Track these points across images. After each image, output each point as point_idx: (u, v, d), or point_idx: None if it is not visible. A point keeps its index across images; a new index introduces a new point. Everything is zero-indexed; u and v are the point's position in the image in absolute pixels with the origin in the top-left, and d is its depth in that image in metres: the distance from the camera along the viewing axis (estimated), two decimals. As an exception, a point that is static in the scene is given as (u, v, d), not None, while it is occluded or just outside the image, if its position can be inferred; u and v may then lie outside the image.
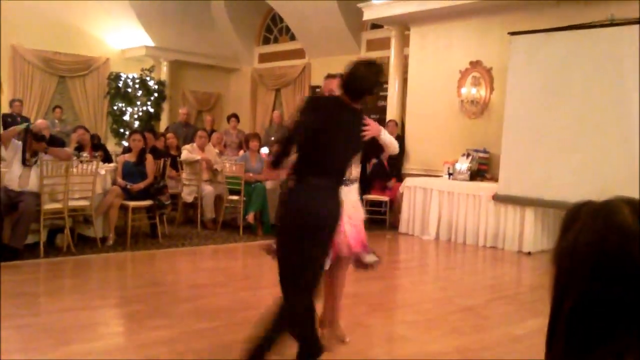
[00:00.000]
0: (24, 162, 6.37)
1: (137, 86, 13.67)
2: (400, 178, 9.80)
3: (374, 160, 9.97)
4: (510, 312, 5.20)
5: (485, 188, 8.36)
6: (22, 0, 8.78)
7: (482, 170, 8.92)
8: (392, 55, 10.63)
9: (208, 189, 8.62)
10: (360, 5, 10.46)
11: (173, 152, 9.03)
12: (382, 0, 9.99)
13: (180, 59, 14.59)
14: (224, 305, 4.91)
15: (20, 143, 6.43)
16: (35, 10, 12.28)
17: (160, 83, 14.10)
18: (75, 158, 7.07)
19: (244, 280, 6.05)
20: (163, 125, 13.70)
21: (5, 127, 10.03)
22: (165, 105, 14.28)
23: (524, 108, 7.99)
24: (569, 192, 7.01)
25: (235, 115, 11.69)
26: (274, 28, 15.09)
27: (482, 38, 9.33)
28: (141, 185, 7.28)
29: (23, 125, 6.82)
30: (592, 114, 7.35)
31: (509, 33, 8.23)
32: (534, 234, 7.83)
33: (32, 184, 6.35)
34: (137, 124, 13.56)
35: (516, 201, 7.93)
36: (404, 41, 10.53)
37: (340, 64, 12.35)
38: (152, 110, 13.91)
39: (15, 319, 4.38)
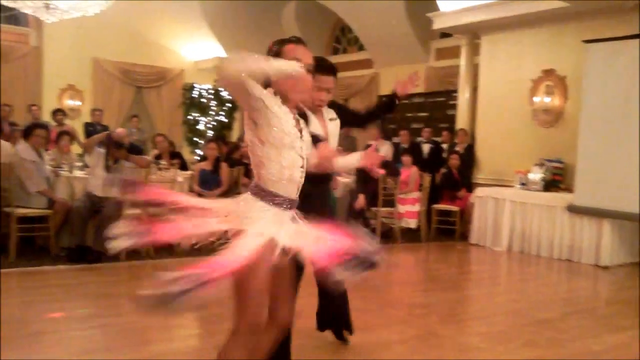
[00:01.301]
0: (106, 169, 6.67)
1: (210, 97, 14.04)
2: (470, 188, 9.70)
3: (443, 170, 9.92)
4: (586, 327, 5.07)
5: (559, 199, 8.17)
6: (102, 15, 9.17)
7: (556, 180, 8.73)
8: (462, 64, 10.57)
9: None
10: (429, 14, 10.44)
11: (246, 161, 9.23)
12: (452, 9, 9.94)
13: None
14: (298, 310, 4.97)
15: (102, 150, 6.74)
16: (114, 24, 12.83)
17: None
18: (154, 165, 7.34)
19: (313, 286, 6.12)
20: (235, 134, 14.03)
21: (87, 135, 10.54)
22: (237, 115, 14.61)
23: (601, 117, 7.78)
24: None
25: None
26: (342, 39, 15.22)
27: (556, 46, 9.15)
28: (216, 192, 7.50)
29: (104, 133, 7.15)
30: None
31: (583, 41, 8.04)
32: (611, 247, 7.60)
33: (114, 190, 6.62)
34: (210, 133, 13.93)
35: (593, 212, 7.71)
36: (474, 50, 10.44)
37: (407, 73, 12.41)
38: (225, 119, 14.25)
39: (99, 318, 4.60)
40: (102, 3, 8.90)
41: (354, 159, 2.90)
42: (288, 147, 2.43)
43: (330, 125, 3.65)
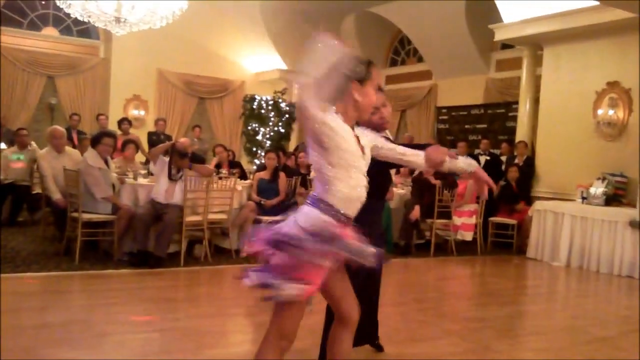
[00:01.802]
0: (170, 177, 6.90)
1: (270, 108, 14.27)
2: (529, 201, 9.54)
3: (501, 182, 9.79)
4: (648, 346, 4.93)
5: (621, 214, 7.96)
6: (166, 28, 9.49)
7: (619, 195, 8.50)
8: (524, 75, 10.43)
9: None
10: (491, 26, 10.36)
11: (303, 171, 9.36)
12: (514, 20, 9.84)
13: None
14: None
15: (166, 159, 6.98)
16: (178, 36, 13.23)
17: (291, 105, 14.64)
18: (215, 174, 7.54)
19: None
20: (292, 144, 14.21)
21: (151, 144, 10.88)
22: (295, 126, 14.80)
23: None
24: None
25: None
26: (401, 50, 15.24)
27: (621, 58, 8.94)
28: (274, 201, 7.65)
29: (169, 143, 7.39)
30: None
31: (650, 52, 7.84)
32: (675, 264, 7.36)
33: (177, 198, 6.85)
34: (268, 143, 14.15)
35: (657, 229, 7.49)
36: (536, 61, 10.30)
37: (467, 85, 12.37)
38: (282, 130, 14.45)
39: (159, 322, 4.74)
40: (168, 16, 9.22)
41: (463, 163, 2.90)
42: (355, 167, 2.51)
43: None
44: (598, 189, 8.46)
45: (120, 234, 6.83)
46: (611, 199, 8.41)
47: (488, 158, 10.65)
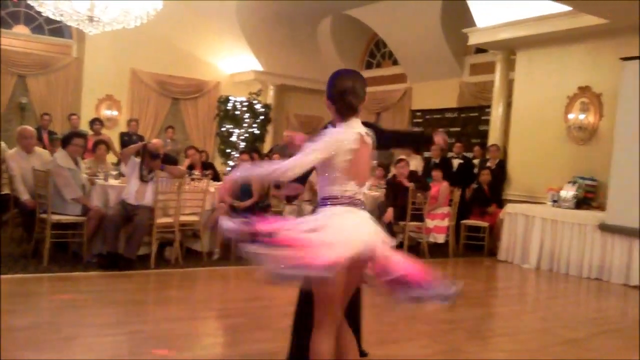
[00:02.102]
0: (141, 178, 6.82)
1: (244, 109, 14.22)
2: (501, 204, 9.63)
3: (473, 185, 9.87)
4: (616, 347, 5.00)
5: (591, 217, 8.07)
6: (141, 27, 9.40)
7: (589, 198, 8.62)
8: (497, 79, 10.53)
9: (308, 208, 8.81)
10: (465, 30, 10.45)
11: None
12: (488, 25, 9.93)
13: (286, 83, 15.10)
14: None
15: (138, 160, 6.90)
16: (153, 36, 13.12)
17: (266, 106, 14.61)
18: (187, 176, 7.48)
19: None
20: (267, 146, 14.17)
21: (123, 145, 10.77)
22: (270, 128, 14.76)
23: (635, 135, 7.68)
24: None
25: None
26: (377, 53, 15.30)
27: (592, 63, 9.07)
28: (247, 203, 7.60)
29: (141, 144, 7.32)
30: None
31: (620, 58, 7.96)
32: (643, 267, 7.48)
33: (148, 199, 6.78)
34: (242, 144, 14.10)
35: (624, 232, 7.61)
36: (510, 65, 10.41)
37: (441, 88, 12.41)
38: (257, 132, 14.41)
39: (126, 325, 4.68)
40: (142, 16, 9.12)
41: None
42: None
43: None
44: (568, 193, 8.56)
45: (90, 235, 6.73)
46: (581, 203, 8.53)
47: (461, 161, 10.72)
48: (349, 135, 2.79)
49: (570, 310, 6.58)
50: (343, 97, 2.89)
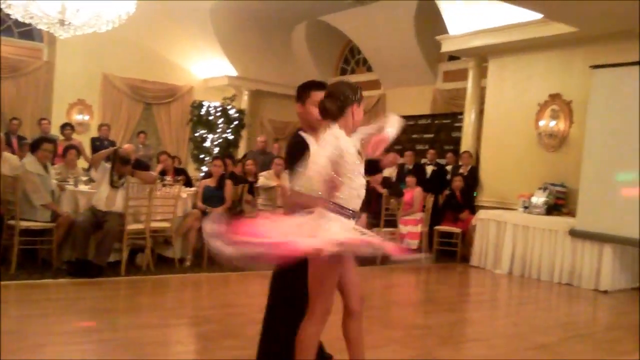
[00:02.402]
0: (112, 184, 6.74)
1: (218, 114, 14.15)
2: (473, 210, 9.70)
3: (446, 192, 9.93)
4: (585, 352, 5.04)
5: (561, 223, 8.17)
6: (113, 31, 9.29)
7: (559, 204, 8.73)
8: (469, 86, 10.62)
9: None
10: (438, 37, 10.52)
11: (251, 179, 9.28)
12: (461, 33, 10.02)
13: (260, 89, 15.07)
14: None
15: (108, 166, 6.81)
16: (125, 40, 12.99)
17: (240, 111, 14.54)
18: (158, 182, 7.40)
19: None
20: (241, 152, 14.11)
21: (94, 150, 10.62)
22: (244, 133, 14.70)
23: (604, 142, 7.81)
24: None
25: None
26: (351, 59, 15.35)
27: (563, 71, 9.20)
28: (219, 209, 7.54)
29: (111, 149, 7.23)
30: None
31: (590, 66, 8.09)
32: (611, 272, 7.58)
33: (118, 205, 6.70)
34: (216, 150, 14.01)
35: (594, 237, 7.71)
36: (482, 72, 10.51)
37: (415, 95, 12.47)
38: (231, 137, 14.34)
39: (97, 333, 4.61)
40: (114, 20, 9.02)
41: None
42: (357, 172, 3.02)
43: None
44: (539, 199, 8.65)
45: (59, 242, 6.64)
46: (552, 209, 8.63)
47: (435, 168, 10.79)
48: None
49: (542, 316, 6.64)
50: None
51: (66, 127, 10.96)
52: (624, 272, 7.77)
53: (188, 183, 8.87)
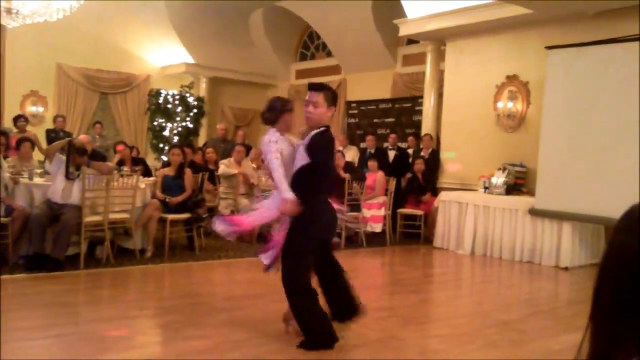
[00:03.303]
0: (67, 176, 6.56)
1: (176, 102, 13.95)
2: (435, 192, 9.78)
3: (408, 175, 9.99)
4: (546, 327, 5.14)
5: (521, 202, 8.29)
6: (66, 20, 9.05)
7: (519, 184, 8.85)
8: (428, 70, 10.67)
9: (244, 202, 8.74)
10: (396, 21, 10.52)
11: (211, 167, 9.18)
12: (418, 16, 10.04)
13: (219, 76, 14.87)
14: (259, 316, 4.96)
15: (63, 157, 6.64)
16: (78, 29, 12.68)
17: (199, 99, 14.36)
18: (116, 172, 7.25)
19: (279, 292, 6.09)
20: (201, 140, 13.96)
21: (49, 142, 10.35)
22: (204, 121, 14.54)
23: (561, 122, 7.93)
24: (606, 206, 6.92)
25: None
26: (310, 45, 15.27)
27: (519, 52, 9.29)
28: (179, 198, 7.44)
29: (66, 140, 7.04)
30: (630, 127, 7.23)
31: (545, 47, 8.19)
32: (571, 249, 7.73)
33: (75, 197, 6.54)
34: (176, 139, 13.83)
35: (553, 215, 7.85)
36: (440, 56, 10.56)
37: (375, 79, 12.48)
38: (191, 125, 14.17)
39: (56, 328, 4.50)
40: (66, 8, 8.77)
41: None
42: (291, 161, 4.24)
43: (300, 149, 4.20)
44: (499, 179, 8.76)
45: (15, 236, 6.44)
46: (511, 188, 8.74)
47: (397, 153, 10.83)
48: None
49: (504, 293, 6.74)
50: None
51: (19, 119, 10.65)
52: (583, 249, 7.93)
53: (147, 173, 8.72)
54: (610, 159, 7.38)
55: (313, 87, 4.23)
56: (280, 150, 4.19)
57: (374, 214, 9.20)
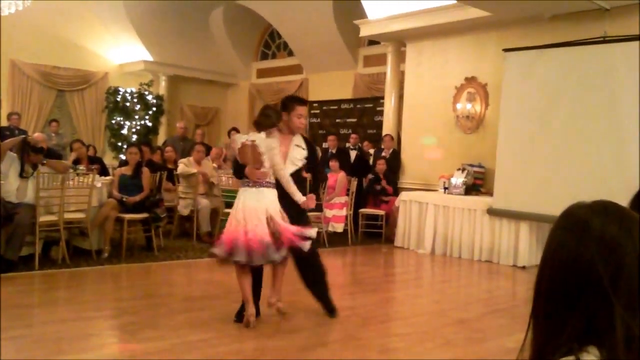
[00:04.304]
0: (21, 175, 6.39)
1: (135, 100, 13.73)
2: (396, 192, 9.83)
3: (370, 175, 10.02)
4: (503, 325, 5.20)
5: (480, 202, 8.39)
6: (21, 15, 8.81)
7: (478, 184, 8.96)
8: (389, 71, 10.72)
9: (204, 202, 8.65)
10: (357, 22, 10.55)
11: (170, 166, 9.06)
12: (379, 17, 10.09)
13: (179, 74, 14.69)
14: (217, 317, 4.91)
15: (15, 155, 6.46)
16: (34, 25, 12.38)
17: (158, 97, 14.16)
18: (72, 171, 7.10)
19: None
20: (161, 139, 13.76)
21: (3, 140, 10.06)
22: (164, 120, 14.35)
23: (518, 123, 8.05)
24: (563, 206, 7.00)
25: (236, 129, 11.63)
26: (272, 44, 15.21)
27: (478, 54, 9.41)
28: (137, 198, 7.31)
29: (19, 137, 6.86)
30: (586, 128, 7.40)
31: (503, 49, 8.31)
32: (528, 248, 7.85)
33: (29, 196, 6.37)
34: (134, 137, 13.62)
35: (511, 215, 7.96)
36: (400, 57, 10.63)
37: (337, 80, 12.45)
38: (150, 124, 13.97)
39: (9, 330, 4.37)
40: (19, 3, 8.55)
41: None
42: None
43: (292, 150, 4.84)
44: (458, 179, 8.86)
45: (-34, 237, 6.25)
46: (470, 189, 8.85)
47: (358, 153, 10.86)
48: None
49: (463, 292, 6.82)
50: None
51: (-29, 116, 10.35)
52: (540, 248, 8.02)
53: (104, 172, 8.55)
54: (567, 160, 7.53)
55: (304, 102, 5.04)
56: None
57: (336, 214, 9.21)
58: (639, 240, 1.02)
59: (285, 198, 4.66)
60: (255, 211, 4.47)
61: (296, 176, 4.80)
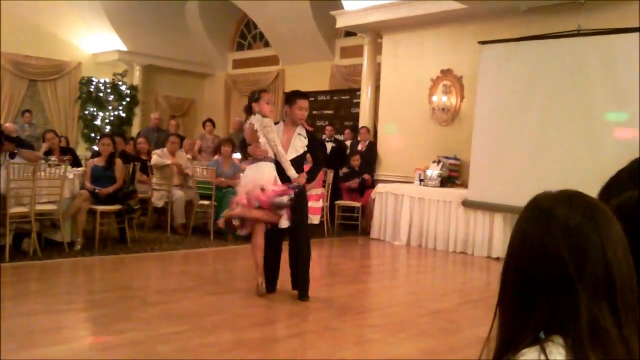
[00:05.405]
0: (-5, 163, 6.27)
1: (109, 91, 13.55)
2: (372, 184, 9.84)
3: (345, 169, 10.03)
4: (477, 316, 5.24)
5: (455, 194, 8.44)
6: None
7: (453, 176, 9.01)
8: (365, 62, 10.70)
9: (178, 193, 8.57)
10: (333, 12, 10.52)
11: (144, 157, 8.96)
12: (355, 8, 10.06)
13: (154, 64, 14.52)
14: (192, 309, 4.87)
15: (-17, 145, 6.33)
16: (5, 13, 12.12)
17: (132, 88, 13.99)
18: (43, 162, 6.97)
19: (213, 284, 6.01)
20: (135, 130, 13.61)
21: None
22: (138, 110, 14.18)
23: (493, 116, 8.10)
24: (536, 198, 7.10)
25: (210, 120, 11.55)
26: (247, 34, 15.10)
27: (453, 47, 9.44)
28: (109, 189, 7.20)
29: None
30: (560, 121, 7.47)
31: (478, 42, 8.34)
32: (502, 240, 7.90)
33: (-1, 187, 6.25)
34: (108, 128, 13.45)
35: (485, 207, 8.02)
36: (377, 49, 10.61)
37: (313, 71, 12.40)
38: (124, 115, 13.80)
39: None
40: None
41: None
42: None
43: (295, 138, 5.40)
44: (434, 172, 8.90)
45: None
46: (446, 181, 8.90)
47: (334, 145, 10.83)
48: None
49: (438, 283, 6.85)
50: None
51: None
52: (513, 239, 8.13)
53: (76, 163, 8.44)
54: (542, 153, 7.59)
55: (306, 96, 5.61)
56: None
57: (312, 205, 9.14)
58: (604, 229, 1.02)
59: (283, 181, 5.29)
60: (253, 181, 5.21)
61: (298, 161, 5.39)
